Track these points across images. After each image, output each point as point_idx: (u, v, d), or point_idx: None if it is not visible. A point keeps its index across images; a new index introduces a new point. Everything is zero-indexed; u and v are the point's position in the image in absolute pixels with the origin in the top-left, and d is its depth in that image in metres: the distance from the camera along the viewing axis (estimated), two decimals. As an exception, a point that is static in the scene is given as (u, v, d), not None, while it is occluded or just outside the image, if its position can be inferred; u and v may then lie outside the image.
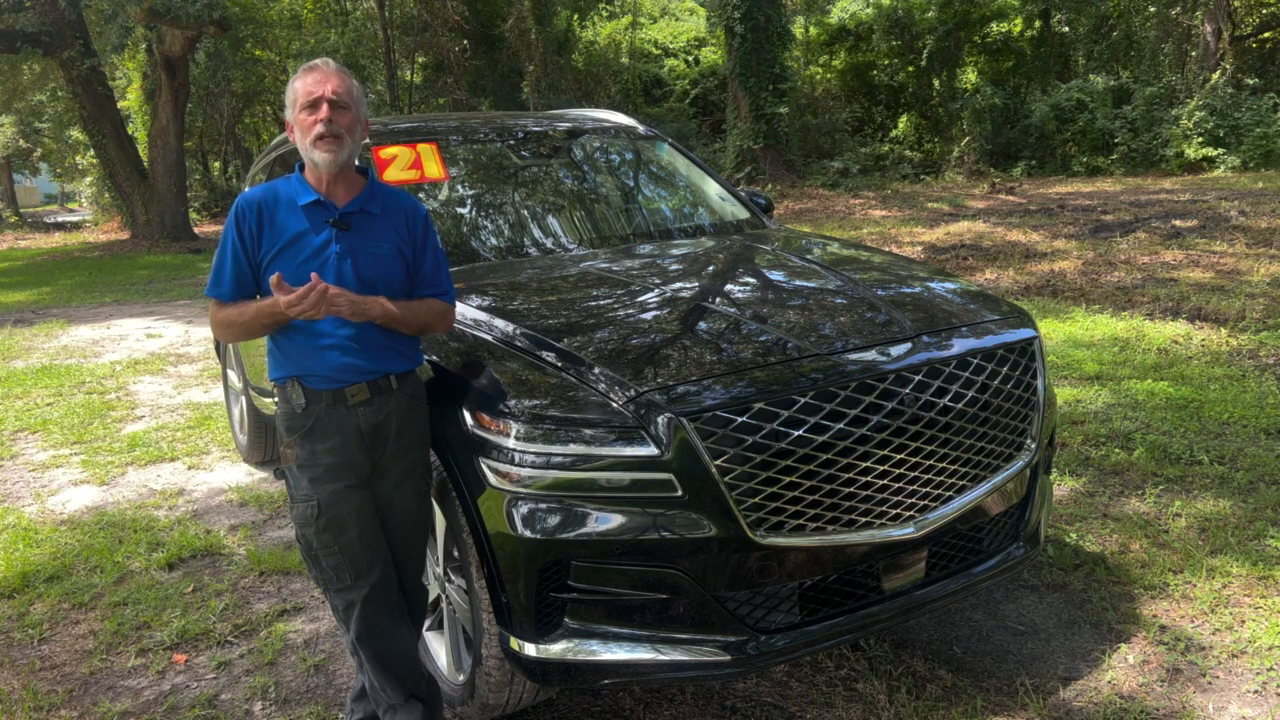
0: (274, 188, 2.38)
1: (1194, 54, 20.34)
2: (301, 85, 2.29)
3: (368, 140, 3.66)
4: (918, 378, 2.44)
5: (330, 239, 2.31)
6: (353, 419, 2.33)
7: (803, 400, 2.29)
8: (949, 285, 3.12)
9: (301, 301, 2.13)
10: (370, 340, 2.33)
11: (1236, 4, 21.41)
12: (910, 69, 24.15)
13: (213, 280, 2.36)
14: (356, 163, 2.40)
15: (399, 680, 2.43)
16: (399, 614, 2.46)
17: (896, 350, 2.49)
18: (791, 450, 2.26)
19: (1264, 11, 21.91)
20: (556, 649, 2.28)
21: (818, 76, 25.26)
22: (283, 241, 2.30)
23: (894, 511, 2.39)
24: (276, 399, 2.41)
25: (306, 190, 2.33)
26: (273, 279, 2.15)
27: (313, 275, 2.17)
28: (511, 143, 4.12)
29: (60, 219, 36.14)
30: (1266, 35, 21.89)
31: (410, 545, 2.50)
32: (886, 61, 24.55)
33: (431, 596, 2.87)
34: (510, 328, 2.63)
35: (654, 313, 2.80)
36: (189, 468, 5.27)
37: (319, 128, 2.24)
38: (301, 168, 2.37)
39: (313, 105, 2.26)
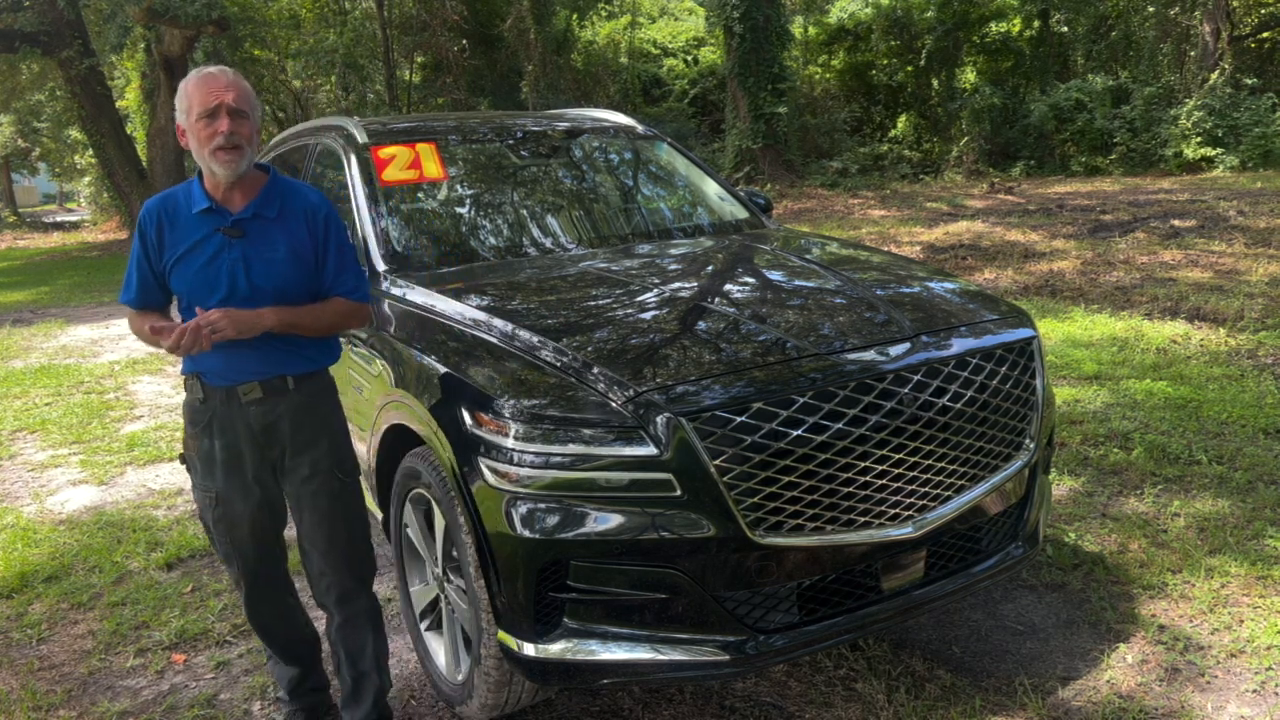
0: (174, 195, 2.37)
1: (1193, 54, 20.31)
2: (198, 91, 2.23)
3: (366, 140, 3.67)
4: (916, 377, 2.44)
5: (223, 247, 2.31)
6: (244, 416, 2.37)
7: (801, 400, 2.29)
8: (948, 285, 3.12)
9: (179, 343, 2.16)
10: (262, 341, 2.32)
11: (1235, 4, 21.38)
12: (909, 69, 24.12)
13: (123, 287, 2.42)
14: (258, 162, 2.38)
15: (280, 646, 2.70)
16: (284, 591, 2.64)
17: (895, 350, 2.49)
18: (790, 450, 2.26)
19: (1263, 11, 21.88)
20: (555, 649, 2.28)
21: (817, 76, 25.24)
22: (181, 250, 2.31)
23: (893, 511, 2.39)
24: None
25: (202, 197, 2.32)
26: (149, 324, 2.24)
27: (198, 310, 2.23)
28: (510, 142, 4.12)
29: (59, 219, 36.12)
30: (1265, 35, 21.87)
31: (334, 542, 2.49)
32: (885, 61, 24.52)
33: (430, 597, 2.88)
34: (509, 327, 2.63)
35: (653, 312, 2.80)
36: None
37: (219, 139, 2.22)
38: (201, 174, 2.34)
39: (211, 114, 2.22)
